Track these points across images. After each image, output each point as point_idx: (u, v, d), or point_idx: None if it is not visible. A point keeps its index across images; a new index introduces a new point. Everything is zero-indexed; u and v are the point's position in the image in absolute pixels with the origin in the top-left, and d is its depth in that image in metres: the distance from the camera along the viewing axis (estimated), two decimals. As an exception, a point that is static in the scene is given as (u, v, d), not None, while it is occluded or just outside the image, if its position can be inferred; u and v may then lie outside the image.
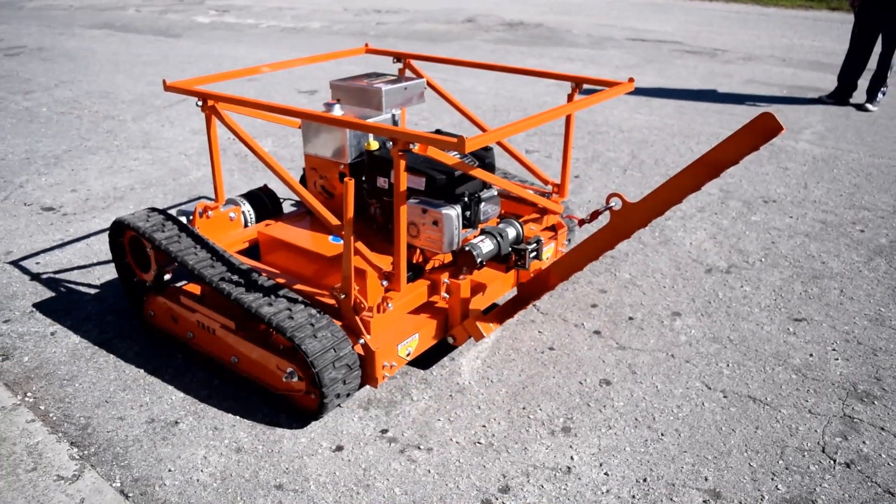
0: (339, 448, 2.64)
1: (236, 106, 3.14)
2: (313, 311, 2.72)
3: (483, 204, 3.06)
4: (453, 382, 3.01)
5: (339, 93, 3.40)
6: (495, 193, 3.13)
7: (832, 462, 2.57)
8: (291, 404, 2.82)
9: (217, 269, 2.90)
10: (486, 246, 2.96)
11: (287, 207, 4.17)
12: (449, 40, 11.35)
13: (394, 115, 3.33)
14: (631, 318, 3.48)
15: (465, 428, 2.75)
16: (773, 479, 2.50)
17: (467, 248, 2.91)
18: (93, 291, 3.71)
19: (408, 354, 2.88)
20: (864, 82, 7.43)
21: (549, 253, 3.50)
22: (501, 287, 3.31)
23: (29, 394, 2.93)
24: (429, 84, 3.68)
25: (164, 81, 3.25)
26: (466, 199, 2.98)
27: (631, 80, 3.08)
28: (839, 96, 7.51)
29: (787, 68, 9.33)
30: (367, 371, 2.74)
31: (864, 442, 2.67)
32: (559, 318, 3.48)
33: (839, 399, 2.91)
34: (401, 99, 3.34)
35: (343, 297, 2.74)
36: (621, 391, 2.96)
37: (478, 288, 3.13)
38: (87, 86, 8.23)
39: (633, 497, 2.43)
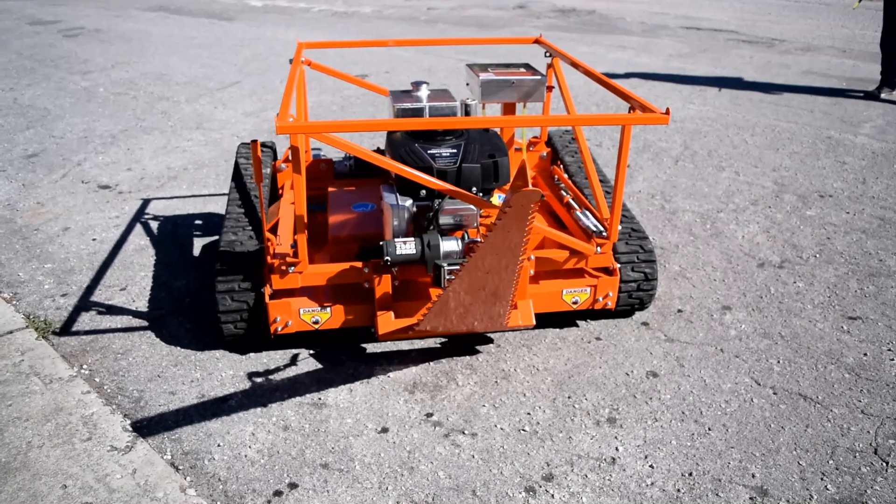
0: (385, 430, 2.67)
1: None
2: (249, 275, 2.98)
3: (447, 208, 2.94)
4: (499, 369, 3.01)
5: (467, 76, 3.54)
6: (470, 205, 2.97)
7: (885, 464, 2.52)
8: None
9: (235, 205, 3.44)
10: (403, 248, 2.79)
11: None
12: (500, 26, 11.28)
13: (467, 106, 3.24)
14: (680, 311, 3.44)
15: (510, 415, 2.75)
16: (822, 478, 2.45)
17: (381, 244, 2.81)
18: (147, 268, 3.79)
19: (315, 322, 2.96)
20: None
21: (581, 298, 3.15)
22: None
23: (85, 366, 3.02)
24: (559, 84, 3.65)
25: (297, 41, 3.73)
26: (427, 198, 2.91)
27: (668, 110, 2.83)
28: (888, 83, 7.21)
29: (848, 59, 9.07)
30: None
31: (919, 445, 2.61)
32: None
33: (893, 400, 2.83)
34: (503, 93, 3.36)
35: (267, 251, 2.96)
36: (668, 384, 2.93)
37: (417, 290, 3.05)
38: (143, 67, 8.38)
39: (678, 491, 2.41)
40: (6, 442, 2.58)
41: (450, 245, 2.84)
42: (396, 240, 2.82)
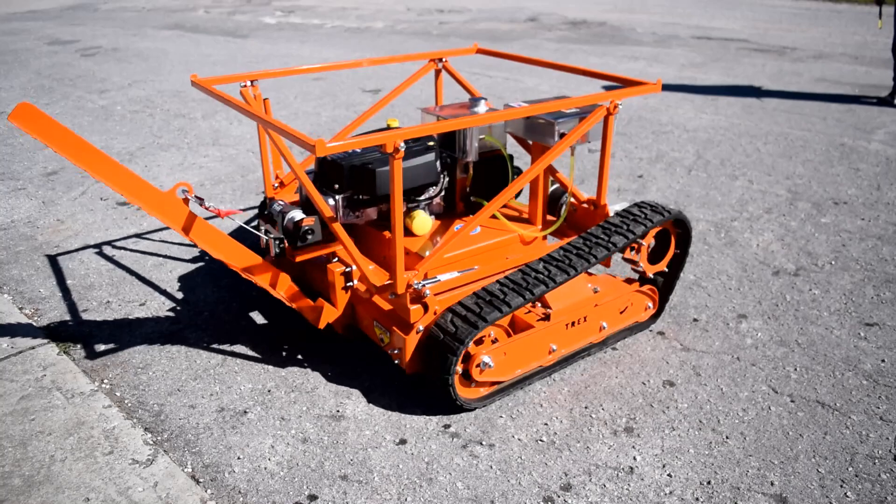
0: (403, 441, 2.68)
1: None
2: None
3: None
4: (515, 380, 3.02)
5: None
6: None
7: (905, 471, 2.51)
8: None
9: None
10: (277, 208, 3.12)
11: None
12: (511, 39, 11.33)
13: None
14: (695, 320, 3.44)
15: (527, 425, 2.76)
16: (841, 486, 2.45)
17: (265, 200, 3.31)
18: (166, 284, 3.84)
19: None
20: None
21: (385, 340, 2.91)
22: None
23: (105, 380, 3.06)
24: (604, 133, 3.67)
25: (475, 45, 3.64)
26: None
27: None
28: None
29: (860, 66, 9.05)
30: None
31: (939, 451, 2.59)
32: (622, 318, 3.46)
33: (913, 407, 2.83)
34: (513, 125, 3.37)
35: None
36: (685, 393, 2.93)
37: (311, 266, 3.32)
38: (160, 85, 8.48)
39: (697, 499, 2.40)
40: (29, 456, 2.61)
41: (292, 213, 3.04)
42: (279, 201, 3.13)
